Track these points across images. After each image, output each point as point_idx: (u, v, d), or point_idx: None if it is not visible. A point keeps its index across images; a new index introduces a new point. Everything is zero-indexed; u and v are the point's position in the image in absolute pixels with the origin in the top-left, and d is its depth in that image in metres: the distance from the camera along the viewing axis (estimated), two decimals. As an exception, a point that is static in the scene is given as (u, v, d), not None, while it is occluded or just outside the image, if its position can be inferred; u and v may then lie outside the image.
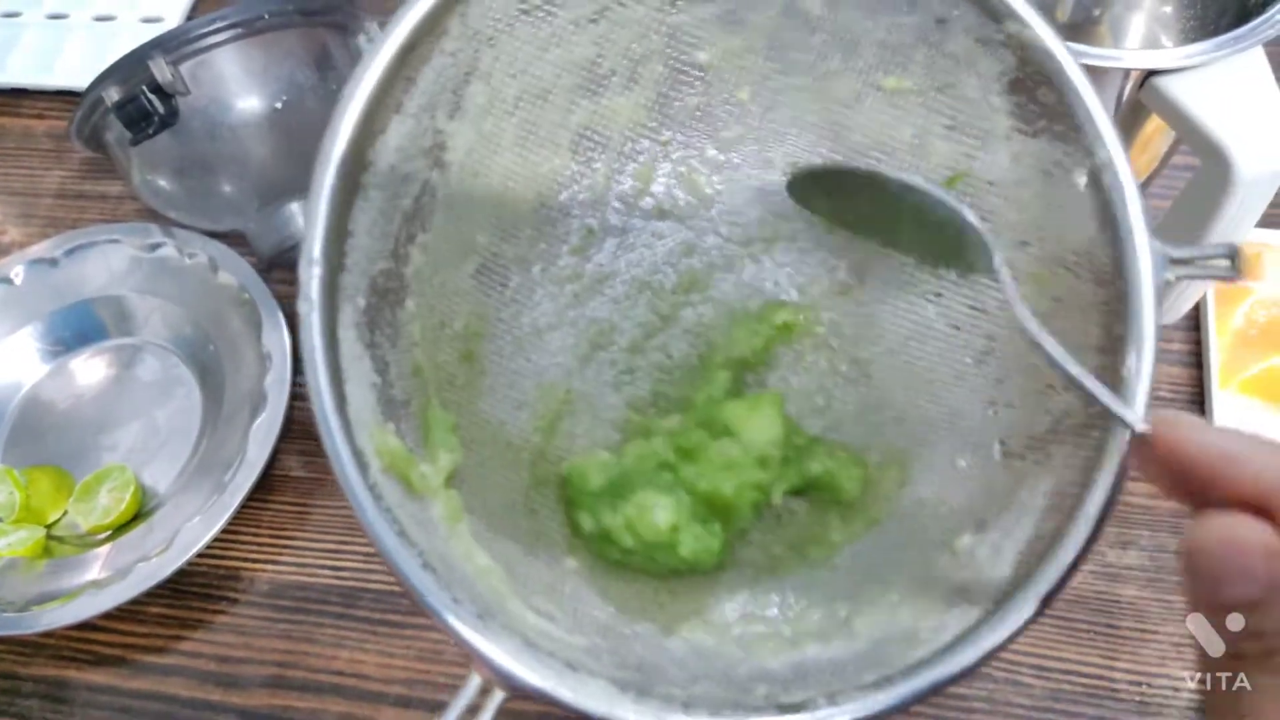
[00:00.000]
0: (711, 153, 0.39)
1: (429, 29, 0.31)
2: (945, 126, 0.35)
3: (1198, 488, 0.22)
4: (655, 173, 0.40)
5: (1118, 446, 0.27)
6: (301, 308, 0.28)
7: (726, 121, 0.38)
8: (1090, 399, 0.26)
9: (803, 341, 0.40)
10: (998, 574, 0.29)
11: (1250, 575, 0.20)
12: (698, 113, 0.38)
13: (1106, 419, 0.28)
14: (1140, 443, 0.24)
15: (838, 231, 0.39)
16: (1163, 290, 0.29)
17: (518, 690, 0.26)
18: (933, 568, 0.32)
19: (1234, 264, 0.29)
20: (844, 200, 0.37)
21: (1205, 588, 0.21)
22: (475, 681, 0.27)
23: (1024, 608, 0.27)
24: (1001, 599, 0.27)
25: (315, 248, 0.29)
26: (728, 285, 0.40)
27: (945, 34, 0.33)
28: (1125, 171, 0.29)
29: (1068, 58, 0.31)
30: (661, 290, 0.40)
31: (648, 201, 0.40)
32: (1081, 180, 0.31)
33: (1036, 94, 0.32)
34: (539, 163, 0.37)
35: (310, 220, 0.29)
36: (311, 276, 0.28)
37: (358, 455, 0.28)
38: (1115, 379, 0.28)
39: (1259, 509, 0.21)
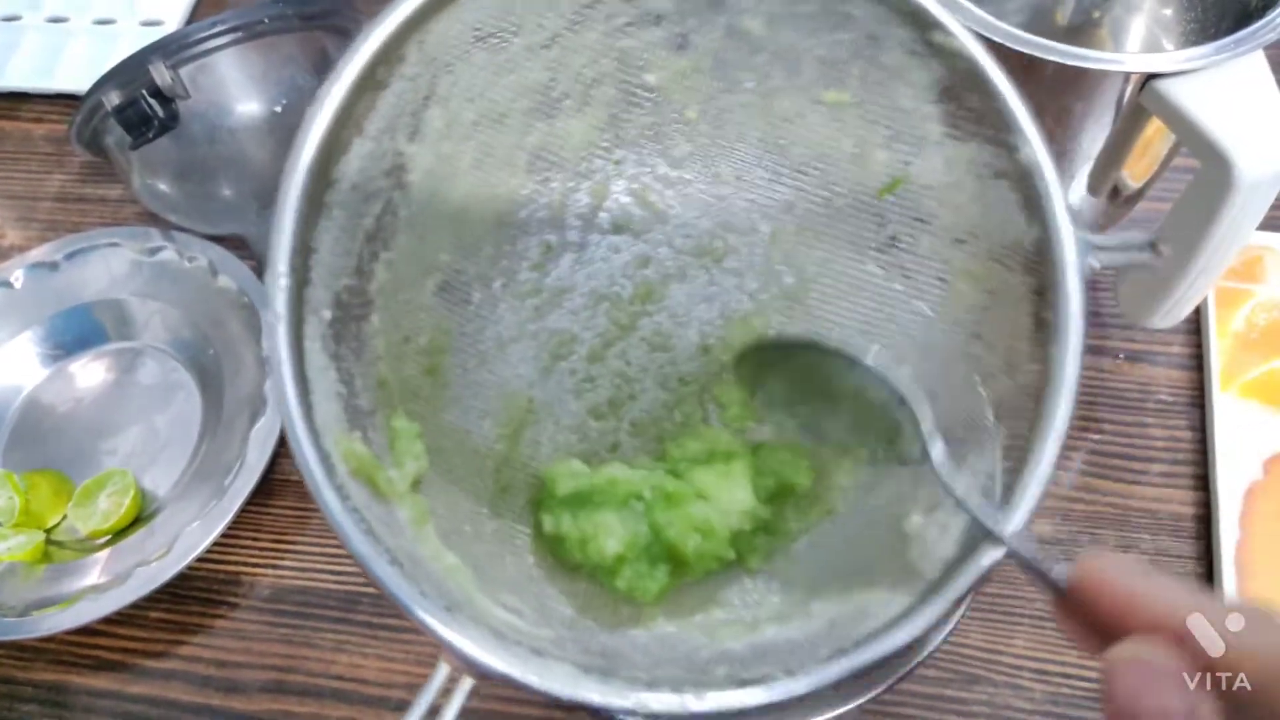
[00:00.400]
0: (663, 169, 0.41)
1: (388, 55, 0.33)
2: (883, 136, 0.37)
3: (1109, 630, 0.22)
4: (610, 189, 0.41)
5: (1054, 428, 0.29)
6: (267, 319, 0.29)
7: (676, 139, 0.40)
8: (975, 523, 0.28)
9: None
10: (944, 551, 0.30)
11: (1168, 710, 0.20)
12: (649, 131, 0.40)
13: (1039, 400, 0.29)
14: (1059, 603, 0.25)
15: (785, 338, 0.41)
16: (1087, 276, 0.31)
17: (485, 676, 0.27)
18: (885, 549, 0.33)
19: (1154, 250, 0.33)
20: (785, 379, 0.39)
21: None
22: (444, 670, 0.28)
23: (964, 580, 0.28)
24: (946, 573, 0.29)
25: (281, 262, 0.30)
26: (682, 295, 0.42)
27: (879, 48, 0.35)
28: (1048, 168, 0.31)
29: (990, 64, 0.32)
30: (619, 301, 0.42)
31: (603, 217, 0.41)
32: (1009, 179, 0.33)
33: (965, 100, 0.34)
34: (497, 183, 0.39)
35: (275, 235, 0.30)
36: (278, 290, 0.29)
37: (325, 459, 0.29)
38: (1043, 368, 0.30)
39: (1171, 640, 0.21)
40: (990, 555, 0.28)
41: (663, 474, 0.37)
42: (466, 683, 0.28)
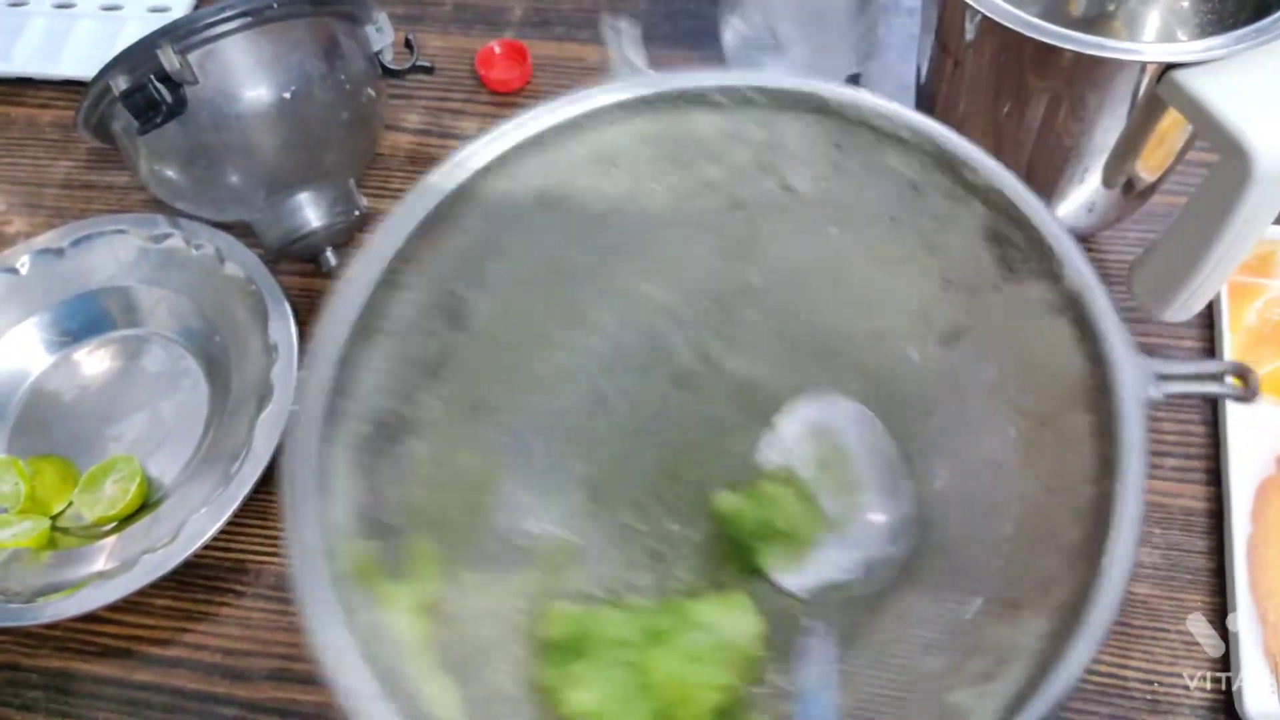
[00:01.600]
0: (727, 328, 0.41)
1: (452, 206, 0.34)
2: (941, 287, 0.37)
3: None
4: (671, 346, 0.41)
5: (1120, 559, 0.27)
6: (292, 409, 0.30)
7: (737, 302, 0.41)
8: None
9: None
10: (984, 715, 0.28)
11: None
12: (709, 298, 0.41)
13: (1100, 541, 0.28)
14: None
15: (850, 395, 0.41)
16: (1148, 407, 0.29)
17: None
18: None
19: (1246, 382, 0.30)
20: None
21: None
22: None
23: None
24: None
25: (319, 362, 0.31)
26: (740, 452, 0.41)
27: (923, 197, 0.35)
28: (1095, 291, 0.31)
29: (1022, 192, 0.32)
30: (674, 456, 0.41)
31: (662, 371, 0.41)
32: (1063, 313, 0.32)
33: (1011, 236, 0.33)
34: (560, 336, 0.39)
35: (318, 339, 0.31)
36: (309, 386, 0.30)
37: (326, 549, 0.30)
38: (1106, 507, 0.28)
39: None
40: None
41: (657, 613, 0.35)
42: None
